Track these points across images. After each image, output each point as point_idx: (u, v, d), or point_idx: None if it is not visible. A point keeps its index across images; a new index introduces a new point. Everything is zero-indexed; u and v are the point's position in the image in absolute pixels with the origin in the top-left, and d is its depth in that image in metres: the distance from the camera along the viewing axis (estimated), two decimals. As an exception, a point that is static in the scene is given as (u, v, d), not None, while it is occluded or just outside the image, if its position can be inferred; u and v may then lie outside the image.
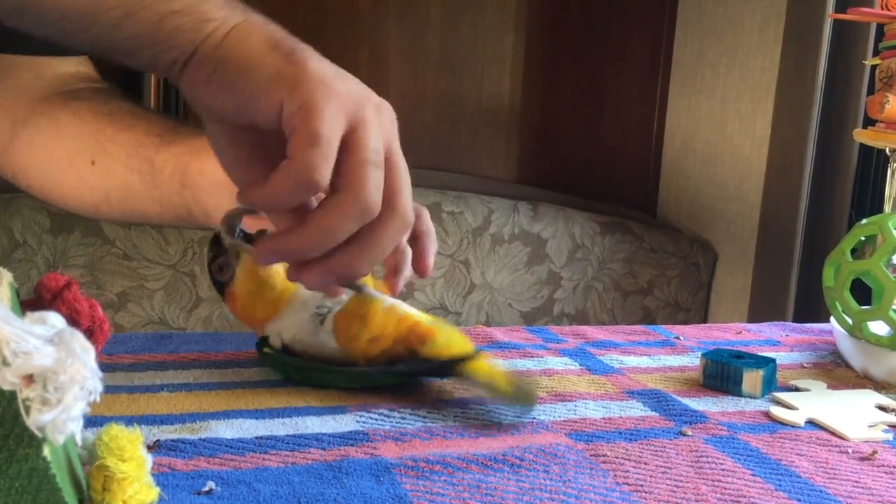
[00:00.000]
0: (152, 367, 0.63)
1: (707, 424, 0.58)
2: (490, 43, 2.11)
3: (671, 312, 2.00)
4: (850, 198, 1.63)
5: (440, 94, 2.09)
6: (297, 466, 0.47)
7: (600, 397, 0.62)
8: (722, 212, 1.94)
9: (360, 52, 2.02)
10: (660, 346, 0.77)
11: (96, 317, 0.42)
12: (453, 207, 1.87)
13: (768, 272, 1.74)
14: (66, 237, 1.65)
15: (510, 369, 0.60)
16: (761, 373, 0.64)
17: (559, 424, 0.56)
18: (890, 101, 0.75)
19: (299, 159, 0.45)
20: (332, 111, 0.45)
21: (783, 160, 1.68)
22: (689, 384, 0.67)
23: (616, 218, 2.00)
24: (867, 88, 1.56)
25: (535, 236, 1.91)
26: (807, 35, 1.62)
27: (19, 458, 0.26)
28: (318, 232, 0.47)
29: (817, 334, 0.85)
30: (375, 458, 0.49)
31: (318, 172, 0.45)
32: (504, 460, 0.49)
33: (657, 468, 0.50)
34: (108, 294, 1.67)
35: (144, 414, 0.54)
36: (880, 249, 0.68)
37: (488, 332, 0.78)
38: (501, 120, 2.15)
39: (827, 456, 0.53)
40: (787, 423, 0.59)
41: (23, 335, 0.26)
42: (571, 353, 0.73)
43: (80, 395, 0.27)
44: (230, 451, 0.49)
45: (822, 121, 1.64)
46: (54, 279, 0.41)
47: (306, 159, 0.45)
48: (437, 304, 1.84)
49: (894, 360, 0.68)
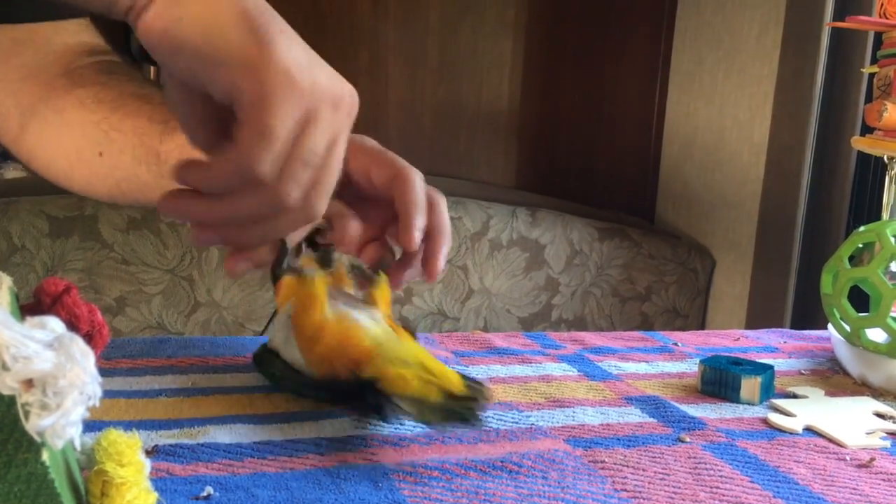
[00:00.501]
0: (151, 371, 0.63)
1: (705, 431, 0.58)
2: (489, 49, 2.11)
3: (669, 318, 2.00)
4: (848, 205, 1.63)
5: (439, 99, 2.10)
6: (296, 472, 0.47)
7: (598, 403, 0.62)
8: (720, 218, 1.95)
9: (360, 58, 2.03)
10: (658, 352, 0.78)
11: (96, 321, 0.42)
12: (451, 213, 1.86)
13: (766, 279, 1.74)
14: (65, 241, 1.65)
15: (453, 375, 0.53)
16: (759, 379, 0.64)
17: (557, 430, 0.56)
18: (888, 109, 0.75)
19: (246, 150, 0.44)
20: (288, 108, 0.44)
21: (781, 167, 1.68)
22: (687, 390, 0.67)
23: (614, 224, 2.00)
24: (865, 96, 1.57)
25: (533, 242, 1.91)
26: (805, 43, 1.62)
27: (18, 463, 0.26)
28: (225, 209, 0.47)
29: (815, 341, 0.85)
30: (374, 464, 0.49)
31: (262, 167, 0.44)
32: (502, 466, 0.49)
33: (655, 474, 0.50)
34: (106, 298, 1.67)
35: (143, 419, 0.54)
36: (878, 257, 0.68)
37: (486, 338, 0.78)
38: (500, 125, 2.16)
39: (825, 463, 0.53)
40: (785, 429, 0.59)
41: (22, 340, 0.26)
42: (570, 359, 0.73)
43: (80, 399, 0.27)
44: (228, 456, 0.49)
45: (820, 128, 1.64)
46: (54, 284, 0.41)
47: (253, 152, 0.44)
48: (435, 309, 1.84)
49: (892, 368, 0.68)
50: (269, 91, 0.43)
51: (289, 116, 0.44)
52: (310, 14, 2.00)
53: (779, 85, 1.69)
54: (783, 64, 1.67)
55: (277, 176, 0.45)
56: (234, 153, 0.44)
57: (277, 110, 0.43)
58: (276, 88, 0.43)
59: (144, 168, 0.64)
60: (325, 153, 0.47)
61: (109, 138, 0.65)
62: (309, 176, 0.46)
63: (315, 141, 0.46)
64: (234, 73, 0.43)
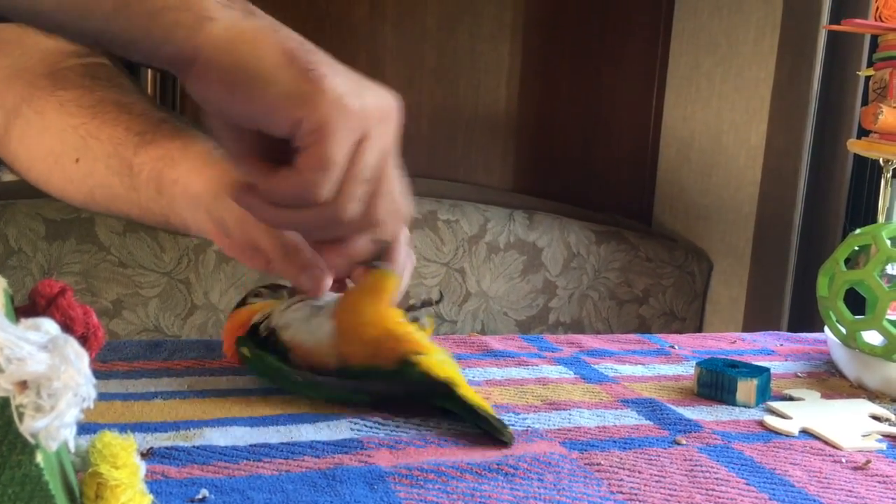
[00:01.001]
0: (146, 374, 0.63)
1: (701, 433, 0.58)
2: (486, 52, 2.12)
3: (666, 321, 2.00)
4: (845, 208, 1.63)
5: (436, 102, 2.10)
6: (291, 474, 0.47)
7: (595, 406, 0.62)
8: (717, 221, 1.95)
9: (357, 60, 2.03)
10: (654, 355, 0.78)
11: (91, 323, 0.42)
12: (449, 216, 1.87)
13: (763, 281, 1.74)
14: (62, 244, 1.65)
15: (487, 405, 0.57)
16: (755, 382, 0.64)
17: (553, 433, 0.56)
18: (884, 112, 0.75)
19: (309, 176, 0.47)
20: (345, 133, 0.47)
21: (778, 170, 1.68)
22: (683, 393, 0.67)
23: (611, 227, 2.01)
24: (861, 99, 1.57)
25: (530, 245, 1.91)
26: (801, 46, 1.63)
27: (12, 465, 0.26)
28: (287, 219, 0.51)
29: (811, 344, 0.85)
30: (370, 467, 0.49)
31: (320, 193, 0.48)
32: (498, 469, 0.49)
33: (651, 477, 0.50)
34: (102, 301, 1.67)
35: (138, 421, 0.54)
36: (874, 259, 0.68)
37: (483, 341, 0.78)
38: (498, 128, 2.16)
39: (821, 465, 0.54)
40: (781, 432, 0.59)
41: (17, 341, 0.26)
42: (566, 362, 0.73)
43: (74, 401, 0.27)
44: (224, 458, 0.49)
45: (816, 131, 1.65)
46: (49, 286, 0.41)
47: (315, 178, 0.47)
48: (432, 312, 1.84)
49: (888, 370, 0.68)
50: (326, 120, 0.46)
51: (346, 141, 0.47)
52: (308, 16, 2.00)
53: (775, 88, 1.69)
54: (780, 67, 1.68)
55: (339, 199, 0.49)
56: (296, 176, 0.48)
57: (335, 137, 0.46)
58: (332, 117, 0.46)
59: (117, 179, 0.64)
60: (379, 165, 0.50)
61: (86, 145, 0.65)
62: (365, 190, 0.50)
63: (369, 158, 0.49)
64: (293, 113, 0.46)
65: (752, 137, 1.81)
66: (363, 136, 0.48)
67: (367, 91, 0.49)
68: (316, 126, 0.46)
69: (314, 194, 0.48)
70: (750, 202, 1.80)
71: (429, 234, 1.85)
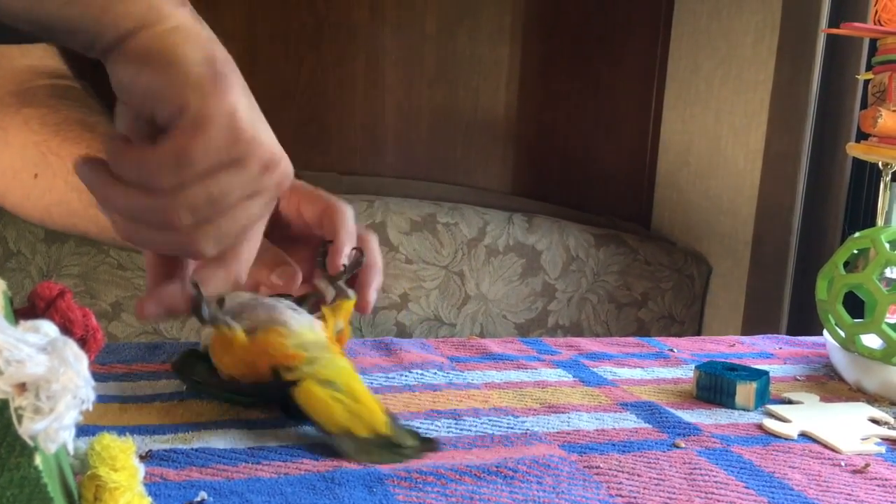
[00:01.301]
0: (145, 376, 0.63)
1: (700, 437, 0.58)
2: (486, 55, 2.12)
3: (665, 325, 2.00)
4: (844, 211, 1.63)
5: (436, 105, 2.10)
6: (290, 477, 0.47)
7: (594, 409, 0.62)
8: (716, 225, 1.95)
9: (357, 63, 2.03)
10: (653, 358, 0.78)
11: (90, 326, 0.42)
12: (448, 219, 1.87)
13: (762, 285, 1.74)
14: (61, 247, 1.65)
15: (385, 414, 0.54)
16: (754, 385, 0.64)
17: (552, 436, 0.56)
18: (883, 116, 0.75)
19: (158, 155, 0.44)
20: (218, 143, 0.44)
21: (777, 173, 1.69)
22: (682, 396, 0.67)
23: (610, 230, 2.01)
24: (860, 103, 1.57)
25: (529, 248, 1.91)
26: (800, 49, 1.63)
27: (11, 467, 0.26)
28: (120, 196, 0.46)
29: (810, 347, 0.85)
30: (368, 469, 0.49)
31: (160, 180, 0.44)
32: (497, 472, 0.49)
33: (650, 480, 0.50)
34: (101, 304, 1.67)
35: (137, 424, 0.54)
36: (873, 262, 0.68)
37: (482, 344, 0.78)
38: (497, 131, 2.16)
39: (820, 469, 0.54)
40: (781, 435, 0.59)
41: (16, 343, 0.26)
42: (565, 365, 0.73)
43: (73, 403, 0.27)
44: (223, 461, 0.49)
45: (815, 135, 1.65)
46: (48, 288, 0.41)
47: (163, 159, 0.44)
48: (431, 315, 1.84)
49: (887, 373, 0.68)
50: (209, 121, 0.44)
51: (213, 150, 0.44)
52: (307, 20, 2.01)
53: (774, 91, 1.69)
54: (779, 70, 1.68)
55: (175, 195, 0.45)
56: (147, 153, 0.44)
57: (205, 138, 0.44)
58: (216, 121, 0.44)
59: (76, 195, 0.64)
60: (236, 203, 0.47)
61: (46, 161, 0.64)
62: (209, 214, 0.46)
63: (230, 185, 0.45)
64: (187, 94, 0.44)
65: (751, 141, 1.81)
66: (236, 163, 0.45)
67: (264, 131, 0.47)
68: (197, 118, 0.44)
69: (155, 175, 0.44)
70: (749, 205, 1.80)
71: (428, 236, 1.85)
